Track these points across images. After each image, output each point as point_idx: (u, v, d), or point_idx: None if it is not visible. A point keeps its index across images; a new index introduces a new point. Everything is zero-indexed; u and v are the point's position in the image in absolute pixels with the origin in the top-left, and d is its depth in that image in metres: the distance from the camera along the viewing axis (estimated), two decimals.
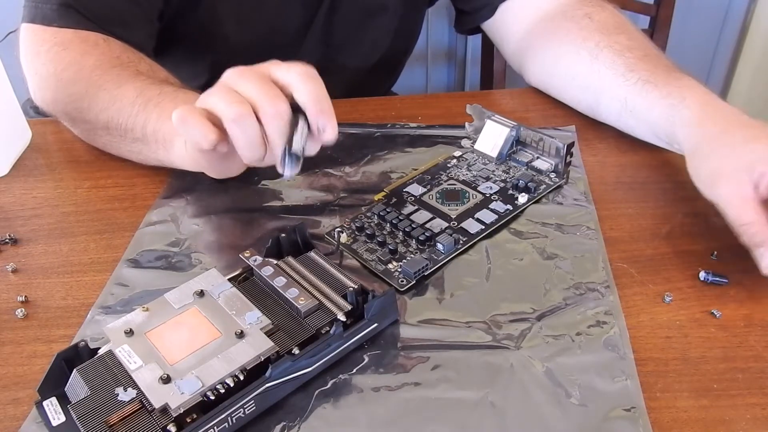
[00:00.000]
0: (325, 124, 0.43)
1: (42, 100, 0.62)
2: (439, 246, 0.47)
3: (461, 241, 0.48)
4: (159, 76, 0.57)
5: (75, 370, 0.37)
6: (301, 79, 0.43)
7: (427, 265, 0.46)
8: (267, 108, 0.42)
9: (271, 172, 0.58)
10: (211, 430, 0.34)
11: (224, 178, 0.53)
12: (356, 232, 0.50)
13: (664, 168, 0.57)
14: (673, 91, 0.53)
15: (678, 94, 0.53)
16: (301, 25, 0.72)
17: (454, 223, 0.50)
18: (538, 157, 0.56)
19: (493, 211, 0.51)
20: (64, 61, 0.59)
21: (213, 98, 0.43)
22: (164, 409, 0.34)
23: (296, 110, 0.43)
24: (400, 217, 0.50)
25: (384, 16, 0.77)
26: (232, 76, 0.44)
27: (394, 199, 0.53)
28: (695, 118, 0.51)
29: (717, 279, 0.44)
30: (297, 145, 0.42)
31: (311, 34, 0.72)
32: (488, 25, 0.74)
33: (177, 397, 0.34)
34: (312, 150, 0.44)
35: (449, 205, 0.52)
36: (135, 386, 0.35)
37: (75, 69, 0.58)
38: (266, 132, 0.42)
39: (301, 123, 0.43)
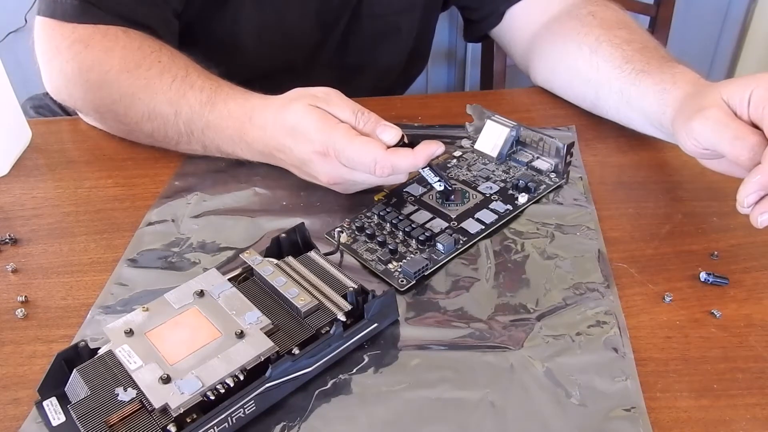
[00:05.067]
0: (382, 131, 0.48)
1: (70, 97, 0.63)
2: (439, 246, 0.47)
3: (461, 241, 0.48)
4: (179, 64, 0.58)
5: (75, 370, 0.37)
6: (340, 111, 0.48)
7: (427, 265, 0.46)
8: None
9: (271, 173, 0.58)
10: (211, 430, 0.34)
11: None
12: (356, 232, 0.50)
13: (664, 168, 0.57)
14: (665, 78, 0.53)
15: (670, 80, 0.53)
16: (315, 43, 0.73)
17: (454, 223, 0.50)
18: (538, 157, 0.56)
19: (493, 211, 0.51)
20: (87, 60, 0.59)
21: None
22: (164, 409, 0.34)
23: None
24: (400, 217, 0.50)
25: (399, 36, 0.78)
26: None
27: (394, 199, 0.53)
28: (685, 96, 0.50)
29: (718, 280, 0.44)
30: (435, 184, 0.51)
31: (326, 51, 0.73)
32: (496, 32, 0.75)
33: (177, 397, 0.34)
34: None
35: (449, 205, 0.52)
36: (135, 386, 0.35)
37: (100, 70, 0.58)
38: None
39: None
